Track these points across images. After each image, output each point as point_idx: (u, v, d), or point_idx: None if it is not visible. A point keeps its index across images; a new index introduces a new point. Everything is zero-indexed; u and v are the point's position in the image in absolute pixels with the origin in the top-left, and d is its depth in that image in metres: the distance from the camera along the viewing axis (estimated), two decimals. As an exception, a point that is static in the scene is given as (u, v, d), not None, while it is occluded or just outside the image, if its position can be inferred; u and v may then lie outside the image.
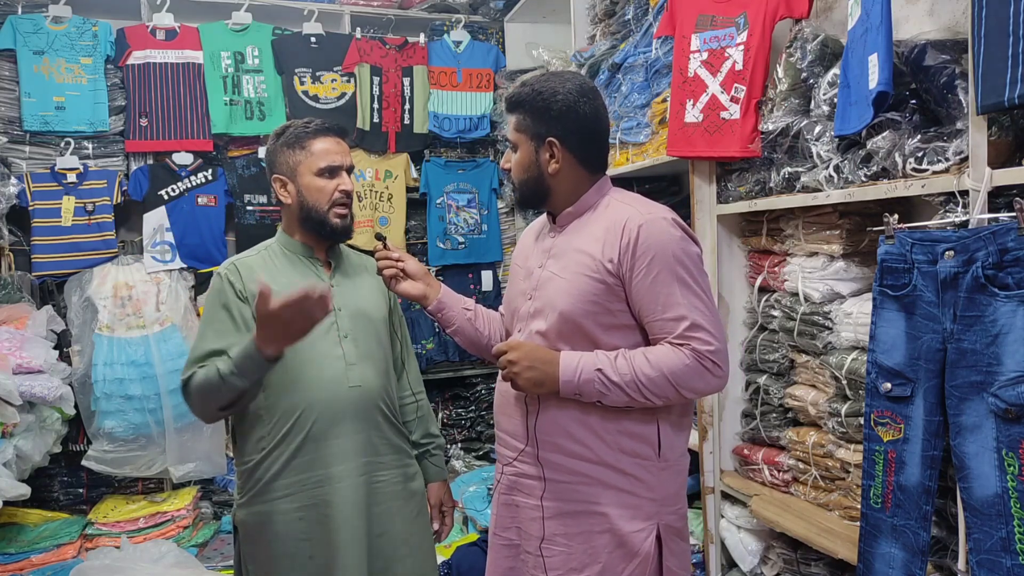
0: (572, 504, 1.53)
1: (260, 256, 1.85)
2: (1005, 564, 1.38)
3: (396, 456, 1.84)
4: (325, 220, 1.79)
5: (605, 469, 1.52)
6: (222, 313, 1.75)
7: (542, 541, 1.55)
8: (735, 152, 2.22)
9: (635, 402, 1.47)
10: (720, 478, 2.41)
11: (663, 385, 1.44)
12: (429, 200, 4.06)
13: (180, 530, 3.24)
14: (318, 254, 1.86)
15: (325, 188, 1.78)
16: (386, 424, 1.83)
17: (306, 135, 1.80)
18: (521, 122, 1.57)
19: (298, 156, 1.80)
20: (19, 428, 2.66)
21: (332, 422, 1.74)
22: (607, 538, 1.51)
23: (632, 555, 1.51)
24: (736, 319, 2.41)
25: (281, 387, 1.74)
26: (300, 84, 3.80)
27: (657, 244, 1.46)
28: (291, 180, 1.81)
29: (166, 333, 3.42)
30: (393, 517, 1.81)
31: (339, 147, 1.82)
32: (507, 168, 1.65)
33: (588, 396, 1.47)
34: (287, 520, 1.73)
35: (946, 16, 1.67)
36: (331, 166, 1.79)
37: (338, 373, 1.75)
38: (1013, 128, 1.46)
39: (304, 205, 1.80)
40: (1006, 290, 1.37)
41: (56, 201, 3.39)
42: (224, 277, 1.78)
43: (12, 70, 3.39)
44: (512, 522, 1.62)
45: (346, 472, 1.74)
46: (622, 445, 1.51)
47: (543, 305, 1.56)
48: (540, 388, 1.49)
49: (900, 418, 1.59)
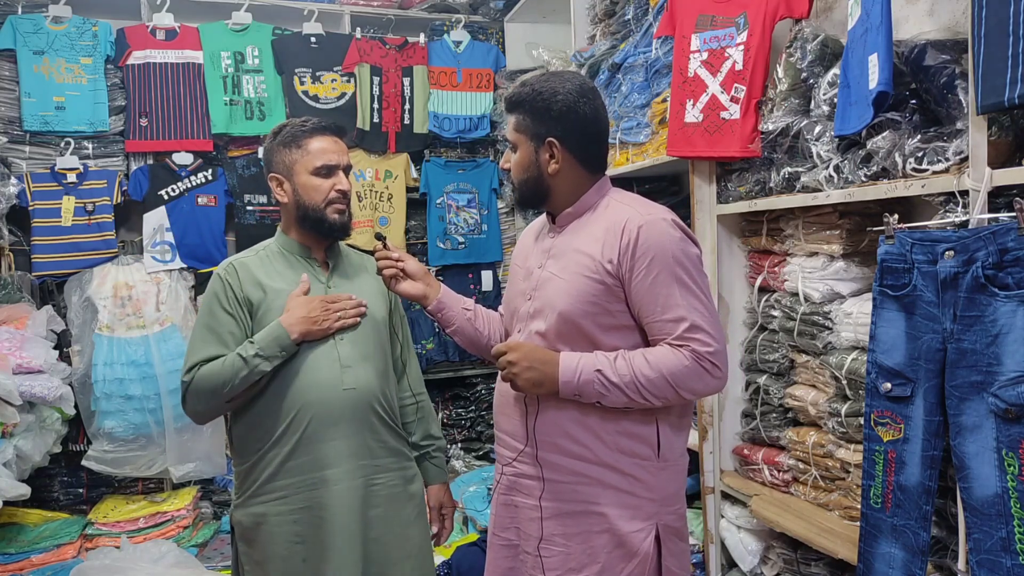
0: (571, 504, 1.53)
1: (258, 256, 1.84)
2: (1005, 564, 1.38)
3: (393, 459, 1.83)
4: (323, 218, 1.78)
5: (604, 469, 1.51)
6: (219, 317, 1.75)
7: (540, 541, 1.55)
8: (735, 152, 2.22)
9: (634, 403, 1.46)
10: (720, 478, 2.41)
11: (662, 386, 1.44)
12: (429, 200, 4.06)
13: (180, 530, 3.24)
14: (316, 254, 1.85)
15: (321, 187, 1.78)
16: (383, 427, 1.81)
17: (302, 134, 1.79)
18: (521, 122, 1.57)
19: (294, 155, 1.79)
20: (19, 428, 2.66)
21: (326, 424, 1.73)
22: (606, 538, 1.51)
23: (631, 555, 1.50)
24: (736, 319, 2.41)
25: (277, 388, 1.74)
26: (300, 84, 3.80)
27: (657, 245, 1.46)
28: (287, 179, 1.80)
29: (166, 333, 3.42)
30: (390, 521, 1.80)
31: (336, 146, 1.81)
32: (507, 168, 1.64)
33: (588, 397, 1.47)
34: (281, 522, 1.73)
35: (946, 16, 1.67)
36: (327, 165, 1.78)
37: (333, 375, 1.74)
38: (1013, 128, 1.46)
39: (300, 204, 1.79)
40: (1006, 290, 1.37)
41: (56, 201, 3.39)
42: (223, 279, 1.78)
43: (12, 70, 3.39)
44: (511, 522, 1.62)
45: (341, 475, 1.73)
46: (621, 445, 1.51)
47: (543, 305, 1.56)
48: (539, 388, 1.49)
49: (900, 418, 1.59)
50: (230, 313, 1.75)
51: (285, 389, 1.74)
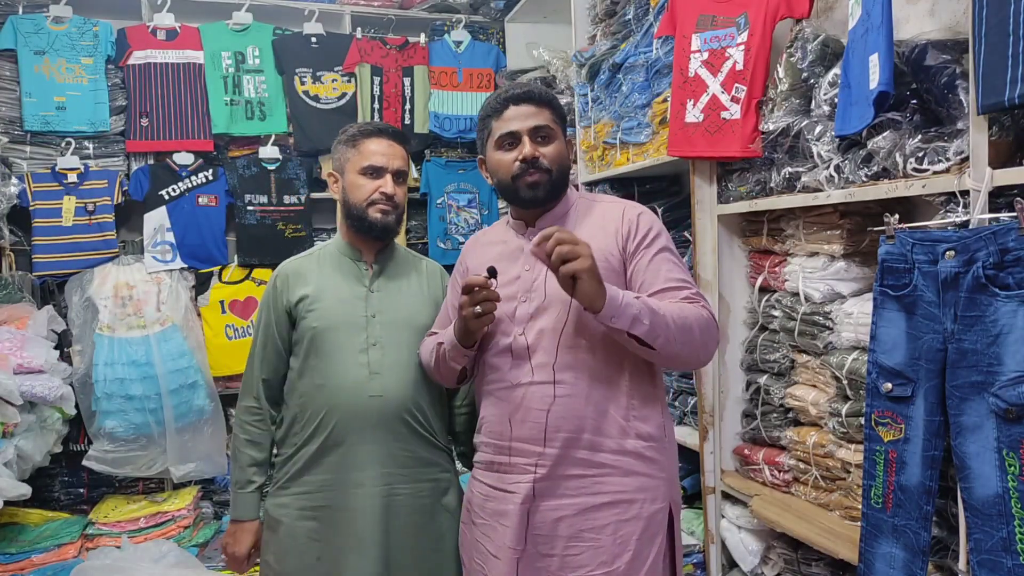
0: (598, 497, 1.54)
1: (313, 257, 1.92)
2: (1006, 564, 1.37)
3: (424, 469, 1.81)
4: (364, 216, 1.82)
5: (627, 457, 1.54)
6: (266, 328, 1.87)
7: (568, 540, 1.53)
8: (736, 152, 2.22)
9: (660, 342, 1.43)
10: (721, 478, 2.40)
11: (689, 333, 1.48)
12: (430, 200, 4.06)
13: (181, 530, 3.24)
14: (366, 257, 1.88)
15: (365, 187, 1.82)
16: (412, 436, 1.79)
17: (360, 135, 1.86)
18: (553, 116, 1.66)
19: (349, 154, 1.85)
20: (20, 428, 2.65)
21: (351, 429, 1.75)
22: (634, 524, 1.53)
23: (655, 535, 1.55)
24: (736, 319, 2.41)
25: (310, 389, 1.79)
26: (301, 84, 3.80)
27: (656, 230, 1.62)
28: (340, 176, 1.87)
29: (167, 333, 3.42)
30: (415, 532, 1.78)
31: (389, 149, 1.84)
32: (536, 156, 1.61)
33: (623, 319, 1.40)
34: (301, 516, 1.77)
35: (947, 16, 1.67)
36: (374, 166, 1.82)
37: (360, 381, 1.76)
38: (1014, 128, 1.46)
39: (347, 202, 1.85)
40: (1007, 290, 1.37)
41: (57, 201, 3.39)
42: (274, 283, 1.87)
43: (13, 70, 3.39)
44: (531, 530, 1.56)
45: (364, 480, 1.75)
46: (639, 431, 1.56)
47: (546, 303, 1.57)
48: (590, 287, 1.38)
49: (901, 418, 1.59)
50: (274, 323, 1.86)
51: (316, 390, 1.79)
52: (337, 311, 1.81)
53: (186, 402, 3.35)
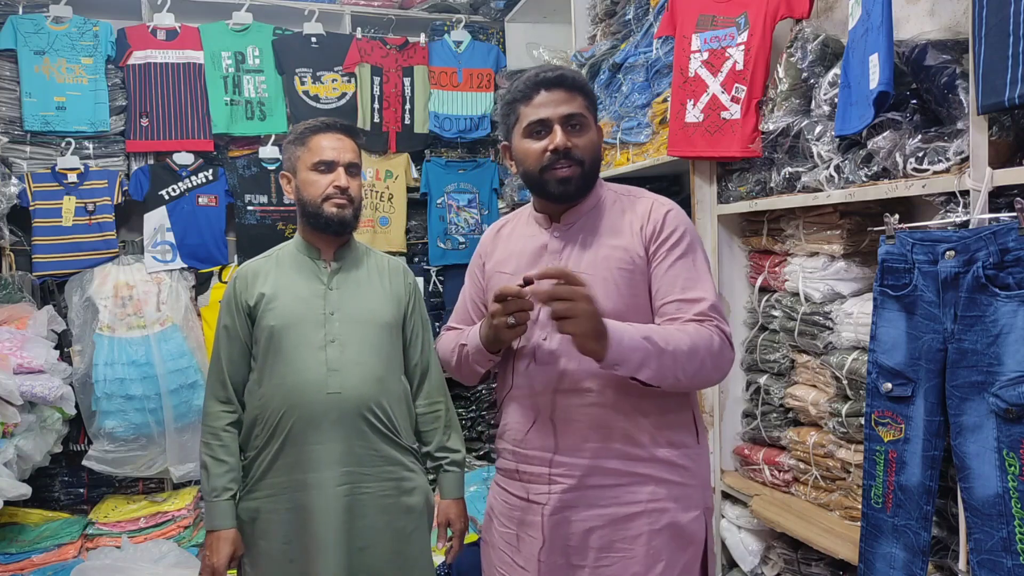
0: (629, 507, 1.47)
1: (272, 258, 1.90)
2: (1006, 564, 1.37)
3: (388, 468, 1.80)
4: (320, 212, 1.80)
5: (659, 465, 1.48)
6: (227, 329, 1.84)
7: (598, 552, 1.48)
8: (736, 152, 2.22)
9: (668, 378, 1.37)
10: (721, 478, 2.40)
11: (696, 361, 1.38)
12: (430, 200, 4.06)
13: (181, 530, 3.24)
14: (324, 254, 1.86)
15: (318, 183, 1.80)
16: (374, 434, 1.78)
17: (308, 131, 1.84)
18: (585, 104, 1.53)
19: (299, 152, 1.84)
20: (20, 428, 2.65)
21: (310, 427, 1.74)
22: (667, 533, 1.47)
23: (688, 544, 1.49)
24: (737, 319, 2.41)
25: (269, 388, 1.77)
26: (301, 84, 3.80)
27: (681, 229, 1.51)
28: (293, 176, 1.85)
29: (167, 333, 3.42)
30: (379, 531, 1.77)
31: (339, 143, 1.83)
32: (568, 146, 1.49)
33: (628, 365, 1.33)
34: (271, 520, 1.76)
35: (947, 16, 1.67)
36: (325, 160, 1.80)
37: (318, 378, 1.75)
38: (1014, 128, 1.46)
39: (301, 200, 1.83)
40: (1007, 290, 1.37)
41: (57, 201, 3.39)
42: (233, 284, 1.85)
43: (13, 70, 3.39)
44: (561, 541, 1.50)
45: (324, 480, 1.73)
46: (671, 439, 1.49)
47: None
48: (588, 336, 1.30)
49: (901, 418, 1.59)
50: (234, 325, 1.83)
51: (275, 390, 1.77)
52: (295, 309, 1.79)
53: (186, 402, 3.35)
